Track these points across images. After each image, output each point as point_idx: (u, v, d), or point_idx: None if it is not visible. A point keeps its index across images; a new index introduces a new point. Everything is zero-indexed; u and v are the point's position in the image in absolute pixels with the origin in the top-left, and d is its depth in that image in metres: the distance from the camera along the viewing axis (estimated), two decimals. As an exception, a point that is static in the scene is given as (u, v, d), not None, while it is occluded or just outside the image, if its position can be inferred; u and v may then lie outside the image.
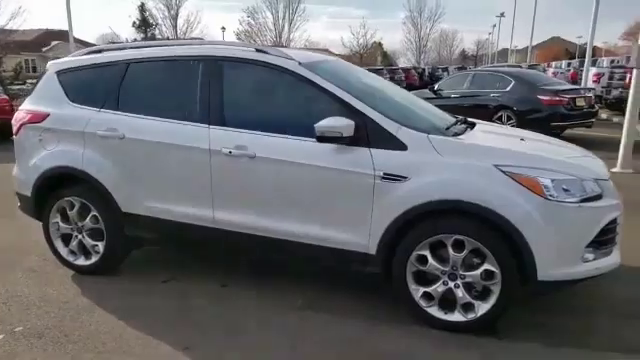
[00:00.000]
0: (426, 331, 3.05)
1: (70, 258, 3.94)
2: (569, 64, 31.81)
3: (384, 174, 3.00)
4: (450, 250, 2.95)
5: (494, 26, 72.18)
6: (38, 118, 3.89)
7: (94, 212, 3.77)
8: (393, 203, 2.99)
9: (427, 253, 3.00)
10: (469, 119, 3.91)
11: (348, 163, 3.07)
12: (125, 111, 3.66)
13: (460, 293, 2.98)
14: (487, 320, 2.96)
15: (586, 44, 19.58)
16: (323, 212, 3.19)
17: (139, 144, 3.58)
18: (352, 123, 3.02)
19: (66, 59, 4.12)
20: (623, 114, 14.86)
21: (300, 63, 3.34)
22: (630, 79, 13.91)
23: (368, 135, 3.06)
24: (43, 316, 3.29)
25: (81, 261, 3.92)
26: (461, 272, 2.96)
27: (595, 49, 63.96)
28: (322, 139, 3.05)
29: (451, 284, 3.00)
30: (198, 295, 3.57)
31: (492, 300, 2.93)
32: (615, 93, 13.73)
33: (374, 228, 3.06)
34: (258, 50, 3.49)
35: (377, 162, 3.02)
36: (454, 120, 3.79)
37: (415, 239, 3.00)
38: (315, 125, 3.01)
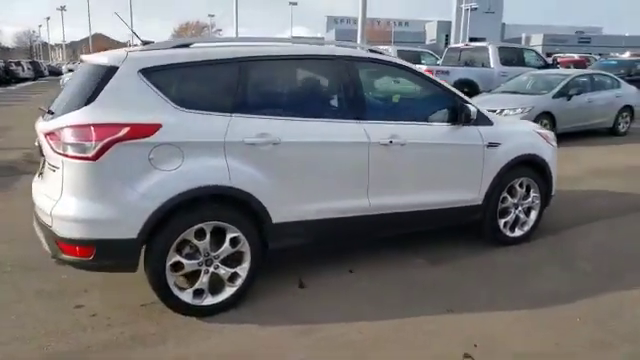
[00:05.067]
0: (503, 247, 4.47)
1: (196, 301, 3.18)
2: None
3: (489, 143, 4.17)
4: (518, 189, 4.44)
5: (48, 18, 68.39)
6: (145, 131, 2.91)
7: (234, 234, 3.21)
8: (494, 163, 4.21)
9: (507, 195, 4.40)
10: None
11: (470, 138, 4.08)
12: (263, 114, 3.31)
13: (522, 215, 4.54)
14: (533, 230, 4.63)
15: (128, 42, 21.70)
16: (454, 179, 4.08)
17: (297, 147, 3.36)
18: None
19: (148, 54, 3.07)
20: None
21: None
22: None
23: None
24: None
25: (208, 300, 3.23)
26: (521, 202, 4.51)
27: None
28: (467, 122, 3.94)
29: (516, 211, 4.51)
30: (328, 284, 3.68)
31: (534, 215, 4.62)
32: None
33: (483, 184, 4.21)
34: (371, 50, 3.86)
35: (483, 135, 4.15)
36: None
37: (502, 187, 4.33)
38: (472, 110, 3.90)
